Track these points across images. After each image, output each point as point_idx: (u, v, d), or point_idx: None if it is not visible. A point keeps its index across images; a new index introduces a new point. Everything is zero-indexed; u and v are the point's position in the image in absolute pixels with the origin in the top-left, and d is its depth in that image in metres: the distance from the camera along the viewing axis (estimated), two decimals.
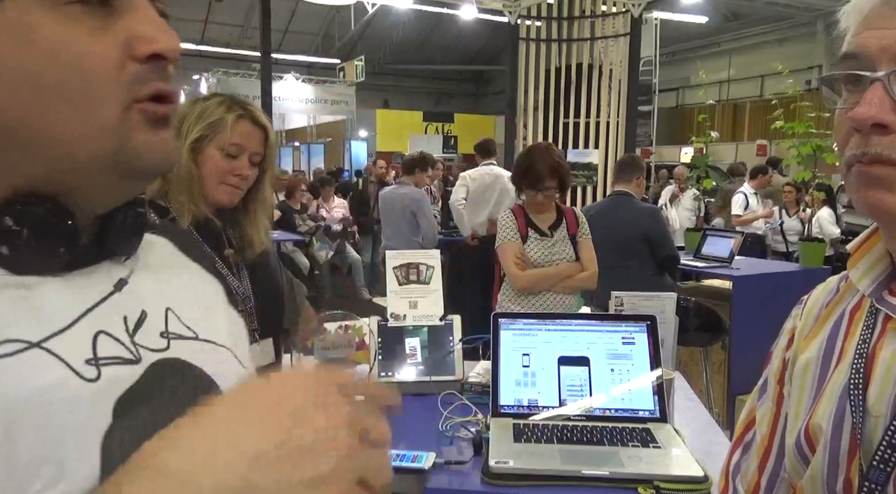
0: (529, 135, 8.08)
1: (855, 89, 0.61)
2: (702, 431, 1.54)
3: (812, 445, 0.67)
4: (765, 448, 0.78)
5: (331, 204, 7.81)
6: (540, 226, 2.74)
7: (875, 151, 0.58)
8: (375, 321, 1.80)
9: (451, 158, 14.55)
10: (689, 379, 2.27)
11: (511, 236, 2.71)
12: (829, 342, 0.71)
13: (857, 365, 0.65)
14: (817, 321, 0.75)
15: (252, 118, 1.46)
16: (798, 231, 6.34)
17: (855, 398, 0.64)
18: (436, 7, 11.66)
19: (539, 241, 2.71)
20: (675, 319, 1.92)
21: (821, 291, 0.78)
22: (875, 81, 0.58)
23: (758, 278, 3.78)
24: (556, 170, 2.67)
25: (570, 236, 2.74)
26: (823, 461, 0.65)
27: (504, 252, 2.72)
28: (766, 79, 15.69)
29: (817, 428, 0.67)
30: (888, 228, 0.65)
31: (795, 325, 0.78)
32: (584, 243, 2.76)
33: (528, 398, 1.52)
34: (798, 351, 0.75)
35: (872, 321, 0.67)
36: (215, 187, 1.42)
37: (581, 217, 2.81)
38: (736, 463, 0.83)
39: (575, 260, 2.72)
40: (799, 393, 0.72)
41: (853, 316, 0.70)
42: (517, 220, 2.74)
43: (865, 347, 0.66)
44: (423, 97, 22.41)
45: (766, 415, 0.79)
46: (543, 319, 1.63)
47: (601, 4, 7.78)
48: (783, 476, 0.76)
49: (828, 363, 0.70)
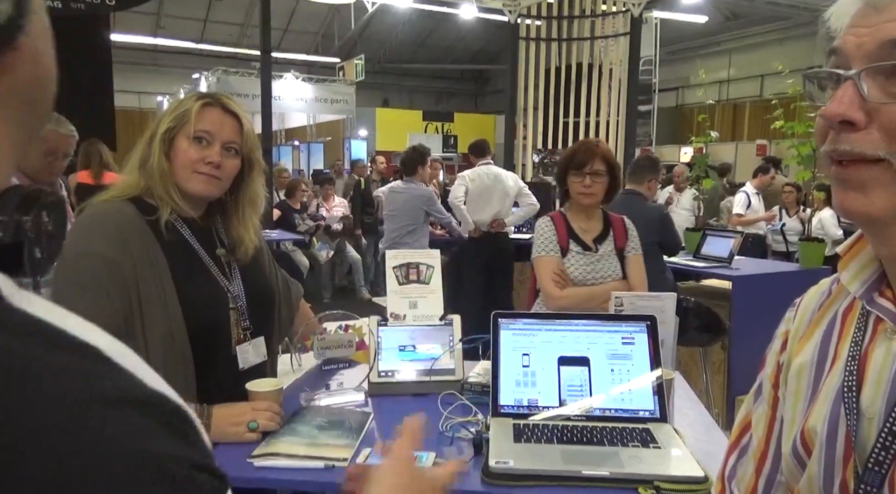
0: (529, 134, 8.08)
1: (836, 87, 0.62)
2: (702, 431, 1.54)
3: (808, 449, 0.68)
4: (761, 452, 0.78)
5: (331, 204, 7.80)
6: (583, 238, 2.41)
7: (843, 147, 0.59)
8: (375, 320, 1.80)
9: (451, 157, 14.56)
10: (689, 379, 2.26)
11: (549, 249, 2.39)
12: (823, 345, 0.71)
13: (850, 367, 0.65)
14: (810, 324, 0.75)
15: (221, 106, 1.43)
16: (798, 231, 6.34)
17: (849, 400, 0.64)
18: (436, 6, 11.66)
19: (581, 255, 2.38)
20: (675, 319, 1.91)
21: (813, 293, 0.78)
22: (847, 78, 0.59)
23: (758, 278, 3.78)
24: (605, 156, 2.38)
25: (618, 250, 2.42)
26: (819, 464, 0.65)
27: (541, 267, 2.40)
28: (766, 79, 15.68)
29: (812, 432, 0.67)
30: (866, 229, 0.65)
31: (788, 328, 0.78)
32: (634, 259, 2.43)
33: (528, 398, 1.52)
34: (792, 355, 0.75)
35: (864, 323, 0.67)
36: (188, 177, 1.39)
37: (632, 229, 2.48)
38: (732, 467, 0.83)
39: (621, 278, 2.39)
40: (794, 397, 0.73)
41: (845, 318, 0.70)
42: (557, 230, 2.41)
43: (857, 349, 0.66)
44: (422, 96, 22.40)
45: (762, 419, 0.79)
46: (543, 319, 1.63)
47: (601, 4, 7.77)
48: (780, 479, 0.76)
49: (822, 366, 0.70)
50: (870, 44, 0.58)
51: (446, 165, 10.97)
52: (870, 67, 0.58)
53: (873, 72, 0.58)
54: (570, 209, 2.46)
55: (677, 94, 18.33)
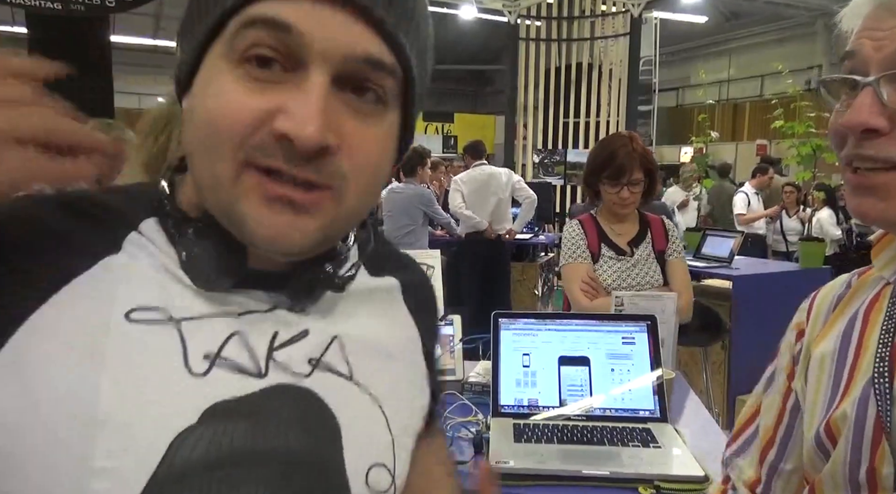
0: (529, 135, 8.08)
1: (851, 92, 0.62)
2: (702, 431, 1.54)
3: (833, 438, 0.68)
4: (768, 439, 0.79)
5: None
6: (616, 242, 2.18)
7: (867, 153, 0.59)
8: None
9: (451, 157, 14.57)
10: (689, 379, 2.26)
11: (577, 255, 2.16)
12: (846, 335, 0.71)
13: (881, 354, 0.65)
14: (832, 315, 0.75)
15: None
16: (798, 231, 6.34)
17: (881, 385, 0.64)
18: (436, 7, 11.67)
19: (615, 261, 2.15)
20: (675, 319, 1.91)
21: (830, 287, 0.79)
22: (866, 85, 0.59)
23: (758, 278, 3.78)
24: (644, 161, 2.11)
25: (657, 253, 2.18)
26: (846, 451, 0.65)
27: (568, 275, 2.17)
28: (766, 79, 15.68)
29: (840, 420, 0.67)
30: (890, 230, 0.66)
31: (802, 319, 0.79)
32: (677, 263, 2.18)
33: (528, 398, 1.52)
34: (812, 345, 0.75)
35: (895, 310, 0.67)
36: None
37: (672, 230, 2.24)
38: (732, 455, 0.84)
39: (662, 284, 2.16)
40: (816, 387, 0.73)
41: (871, 308, 0.71)
42: (587, 233, 2.18)
43: (889, 336, 0.66)
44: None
45: (772, 407, 0.80)
46: (543, 319, 1.63)
47: (601, 4, 7.78)
48: (783, 467, 0.77)
49: (844, 356, 0.70)
50: (888, 48, 0.58)
51: (446, 166, 10.97)
52: (889, 74, 0.58)
53: (892, 77, 0.58)
54: (600, 212, 2.24)
55: (677, 94, 18.32)
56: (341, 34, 0.47)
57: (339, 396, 0.54)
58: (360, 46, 0.48)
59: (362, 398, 0.56)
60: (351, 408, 0.55)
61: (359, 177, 0.49)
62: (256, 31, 0.46)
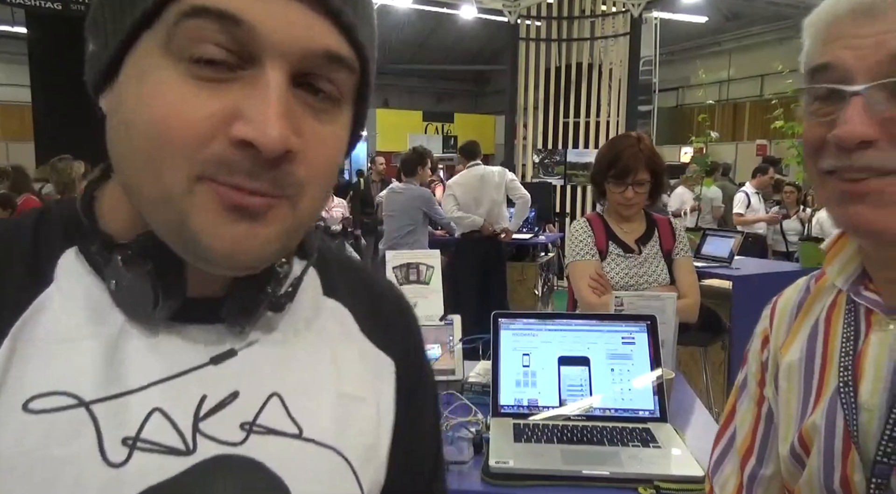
0: (529, 135, 8.08)
1: (828, 101, 0.60)
2: (702, 431, 1.53)
3: (806, 447, 0.68)
4: (746, 447, 0.80)
5: (330, 204, 7.81)
6: (624, 239, 2.20)
7: (861, 164, 0.57)
8: None
9: (452, 157, 14.56)
10: (689, 379, 2.26)
11: (585, 253, 2.17)
12: (810, 343, 0.72)
13: (844, 363, 0.66)
14: (794, 324, 0.75)
15: None
16: (798, 231, 6.34)
17: (846, 394, 0.64)
18: (436, 7, 11.67)
19: (622, 259, 2.17)
20: (675, 319, 1.91)
21: (791, 292, 0.79)
22: (854, 95, 0.57)
23: (758, 278, 3.78)
24: (650, 161, 2.14)
25: (665, 252, 2.20)
26: (819, 461, 0.66)
27: (575, 272, 2.18)
28: (766, 79, 15.68)
29: (812, 431, 0.67)
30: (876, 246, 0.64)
31: (766, 326, 0.79)
32: (683, 262, 2.21)
33: (528, 398, 1.52)
34: (778, 354, 0.75)
35: (853, 318, 0.68)
36: None
37: (679, 229, 2.27)
38: (715, 463, 0.84)
39: (669, 283, 2.18)
40: (787, 398, 0.73)
41: (830, 315, 0.71)
42: (594, 231, 2.20)
43: (850, 344, 0.66)
44: (423, 97, 22.40)
45: (748, 415, 0.80)
46: (543, 319, 1.63)
47: (601, 4, 7.78)
48: (763, 473, 0.78)
49: (811, 365, 0.71)
50: (872, 57, 0.56)
51: (446, 166, 10.99)
52: (880, 83, 0.56)
53: (884, 85, 0.56)
54: (607, 210, 2.26)
55: (677, 94, 18.32)
56: (298, 27, 0.42)
57: (287, 459, 0.48)
58: (319, 40, 0.43)
59: (321, 454, 0.50)
60: (305, 470, 0.49)
61: (315, 182, 0.46)
62: (201, 22, 0.40)
